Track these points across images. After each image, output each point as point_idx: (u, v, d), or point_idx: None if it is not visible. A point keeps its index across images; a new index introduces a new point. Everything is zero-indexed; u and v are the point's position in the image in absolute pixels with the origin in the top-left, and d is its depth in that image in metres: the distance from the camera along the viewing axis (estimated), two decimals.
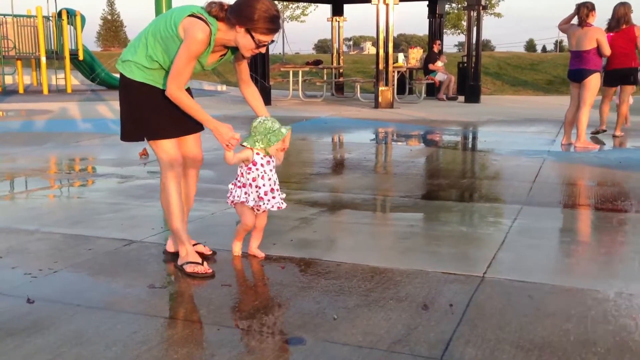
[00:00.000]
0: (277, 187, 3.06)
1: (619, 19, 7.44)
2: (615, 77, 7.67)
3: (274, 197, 3.03)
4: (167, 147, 2.95)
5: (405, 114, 11.49)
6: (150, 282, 2.82)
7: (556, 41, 64.84)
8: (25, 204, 4.53)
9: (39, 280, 2.85)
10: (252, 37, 2.75)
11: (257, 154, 2.99)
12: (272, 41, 2.90)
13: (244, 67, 3.08)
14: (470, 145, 7.95)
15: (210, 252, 3.21)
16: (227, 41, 2.84)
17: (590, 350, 2.14)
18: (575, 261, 3.22)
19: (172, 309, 2.59)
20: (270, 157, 3.02)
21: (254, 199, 3.01)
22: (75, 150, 7.20)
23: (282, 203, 3.06)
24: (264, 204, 3.01)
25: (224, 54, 2.96)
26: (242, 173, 3.04)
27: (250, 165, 2.99)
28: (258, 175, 2.99)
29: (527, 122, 9.91)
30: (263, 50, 2.88)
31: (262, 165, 2.99)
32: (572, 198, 4.69)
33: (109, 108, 12.85)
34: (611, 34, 7.41)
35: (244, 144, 2.97)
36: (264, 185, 3.00)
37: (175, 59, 2.76)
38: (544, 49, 69.90)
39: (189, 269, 2.91)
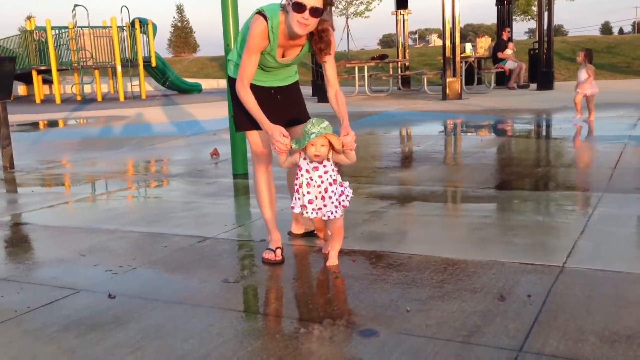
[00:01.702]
0: (332, 194, 2.82)
1: None
2: None
3: (324, 206, 2.82)
4: (253, 139, 3.10)
5: (474, 104, 11.22)
6: (224, 277, 2.87)
7: (634, 22, 61.66)
8: (105, 205, 4.72)
9: (119, 276, 2.96)
10: (291, 1, 2.73)
11: (304, 158, 2.83)
12: (319, 11, 2.74)
13: (328, 67, 3.00)
14: (544, 133, 7.67)
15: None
16: (291, 31, 2.86)
17: None
18: None
19: (246, 302, 2.62)
20: (321, 162, 2.80)
21: (300, 205, 2.87)
22: (150, 153, 7.45)
23: (335, 212, 2.83)
24: (306, 212, 2.84)
25: (303, 47, 3.00)
26: (296, 177, 2.93)
27: (297, 170, 2.87)
28: (304, 181, 2.83)
29: (605, 106, 9.45)
30: (309, 19, 2.74)
31: (307, 170, 2.82)
32: None
33: (180, 111, 13.25)
34: None
35: (294, 146, 2.83)
36: (308, 192, 2.82)
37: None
38: (620, 31, 66.47)
39: (264, 254, 3.08)
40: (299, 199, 2.86)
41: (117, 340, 2.24)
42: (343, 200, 2.85)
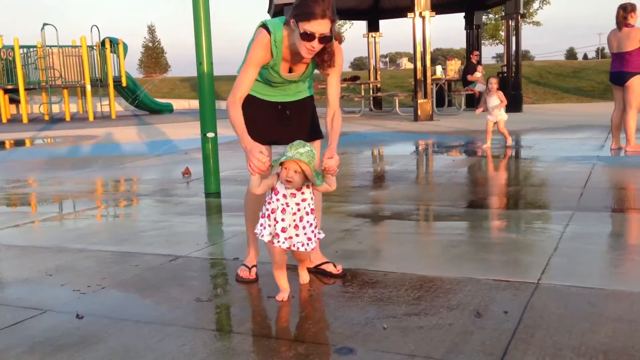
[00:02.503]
0: (306, 224, 2.58)
1: None
2: None
3: (296, 236, 2.56)
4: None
5: (446, 126, 11.36)
6: (196, 296, 2.80)
7: (597, 48, 63.56)
8: (72, 224, 4.60)
9: (88, 296, 2.87)
10: (298, 27, 2.61)
11: (282, 182, 2.56)
12: (327, 38, 2.62)
13: (331, 81, 2.84)
14: (514, 154, 7.78)
15: (339, 272, 3.00)
16: (295, 47, 2.72)
17: None
18: (635, 266, 3.07)
19: (219, 321, 2.55)
20: (299, 189, 2.56)
21: (270, 233, 2.58)
22: (120, 172, 7.33)
23: (307, 244, 2.58)
24: (277, 241, 2.56)
25: (310, 63, 2.86)
26: (267, 201, 2.64)
27: (272, 194, 2.58)
28: (278, 206, 2.55)
29: (572, 128, 9.65)
30: (317, 46, 2.63)
31: (284, 196, 2.55)
32: (625, 202, 4.51)
33: (151, 131, 13.12)
34: None
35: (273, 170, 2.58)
36: (282, 220, 2.55)
37: None
38: (585, 57, 68.39)
39: (239, 271, 3.01)
40: (269, 225, 2.56)
41: None
42: (319, 233, 2.66)
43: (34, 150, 11.18)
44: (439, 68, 15.53)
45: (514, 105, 13.90)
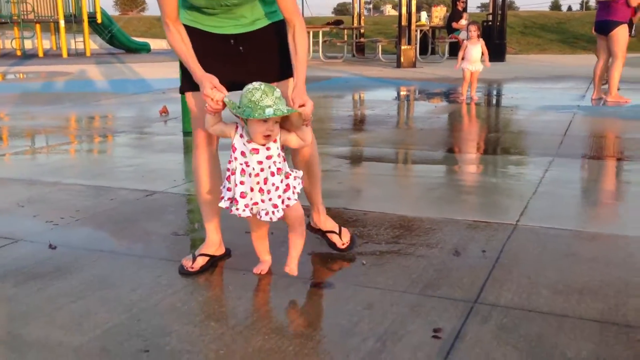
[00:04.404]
0: (271, 187, 2.02)
1: None
2: None
3: (261, 201, 2.03)
4: (193, 104, 2.27)
5: (428, 73, 11.25)
6: (173, 230, 2.76)
7: (582, 1, 63.04)
8: (45, 158, 4.49)
9: (61, 228, 2.81)
10: None
11: (241, 135, 2.02)
12: None
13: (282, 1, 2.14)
14: (496, 102, 7.75)
15: (343, 247, 2.46)
16: None
17: (634, 294, 2.04)
18: (611, 209, 3.09)
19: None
20: (263, 144, 1.99)
21: (228, 198, 2.08)
22: (95, 109, 7.15)
23: (272, 212, 2.04)
24: (236, 208, 2.04)
25: None
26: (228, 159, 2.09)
27: (230, 150, 2.05)
28: (237, 167, 2.03)
29: (555, 79, 9.64)
30: None
31: (242, 153, 2.01)
32: (604, 150, 4.52)
33: (127, 70, 12.79)
34: None
35: (230, 107, 1.98)
36: (242, 183, 2.02)
37: None
38: (569, 9, 67.96)
39: (182, 260, 2.33)
40: (228, 189, 2.07)
41: (58, 289, 2.12)
42: (288, 199, 2.07)
43: (5, 85, 10.84)
44: (423, 15, 15.27)
45: (497, 54, 13.78)
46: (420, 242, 2.57)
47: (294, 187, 2.09)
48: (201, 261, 2.30)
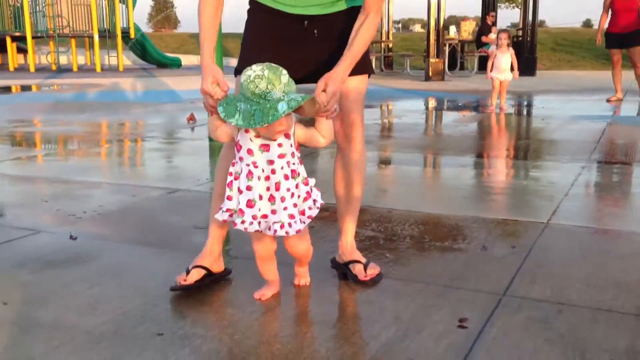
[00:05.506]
0: (286, 193, 1.67)
1: None
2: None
3: (272, 213, 1.67)
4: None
5: (457, 85, 11.15)
6: (194, 223, 2.72)
7: None
8: (74, 160, 4.52)
9: (83, 220, 2.79)
10: None
11: (246, 131, 1.66)
12: None
13: None
14: (527, 112, 7.62)
15: (366, 279, 1.98)
16: None
17: None
18: None
19: None
20: (275, 139, 1.64)
21: (227, 208, 1.71)
22: (125, 117, 7.22)
23: (290, 225, 1.68)
24: (242, 222, 1.67)
25: None
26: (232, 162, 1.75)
27: (235, 150, 1.71)
28: (242, 169, 1.67)
29: (588, 91, 9.46)
30: None
31: (249, 151, 1.66)
32: (639, 156, 4.38)
33: (158, 82, 12.97)
34: None
35: (234, 124, 1.61)
36: (248, 188, 1.66)
37: None
38: None
39: (177, 277, 1.97)
40: (229, 197, 1.71)
41: (75, 276, 2.09)
42: (310, 209, 1.73)
43: (40, 95, 11.06)
44: (452, 28, 15.16)
45: (527, 68, 13.60)
46: (447, 237, 2.48)
47: (315, 200, 1.74)
48: (196, 274, 1.93)
